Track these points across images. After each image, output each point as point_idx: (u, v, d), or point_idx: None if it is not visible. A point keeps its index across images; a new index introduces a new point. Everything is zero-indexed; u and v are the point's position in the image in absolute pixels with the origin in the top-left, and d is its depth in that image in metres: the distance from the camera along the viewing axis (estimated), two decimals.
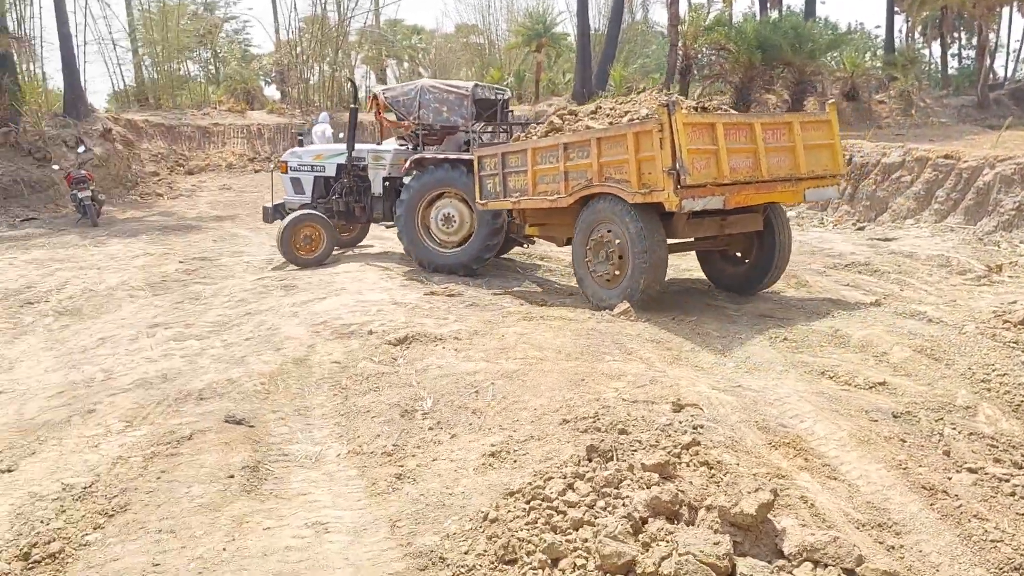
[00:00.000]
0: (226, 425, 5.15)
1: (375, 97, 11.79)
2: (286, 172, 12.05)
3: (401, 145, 11.64)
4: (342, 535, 3.69)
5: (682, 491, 3.41)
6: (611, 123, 8.01)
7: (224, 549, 3.56)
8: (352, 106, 12.24)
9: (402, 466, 4.56)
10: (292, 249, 11.14)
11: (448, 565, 3.30)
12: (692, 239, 8.25)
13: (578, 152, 7.91)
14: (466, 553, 3.36)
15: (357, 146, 11.76)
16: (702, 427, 4.57)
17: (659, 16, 52.43)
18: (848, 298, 8.53)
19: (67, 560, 3.53)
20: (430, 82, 11.64)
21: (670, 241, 7.85)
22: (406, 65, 41.61)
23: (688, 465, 3.99)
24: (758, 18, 27.01)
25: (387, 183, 11.39)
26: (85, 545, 3.65)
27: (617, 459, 3.92)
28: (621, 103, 8.57)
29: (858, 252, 11.62)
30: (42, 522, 3.82)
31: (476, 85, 11.57)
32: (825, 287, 9.25)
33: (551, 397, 5.35)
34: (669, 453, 3.97)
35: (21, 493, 4.17)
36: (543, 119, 9.75)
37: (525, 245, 11.27)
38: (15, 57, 23.31)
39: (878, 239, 13.03)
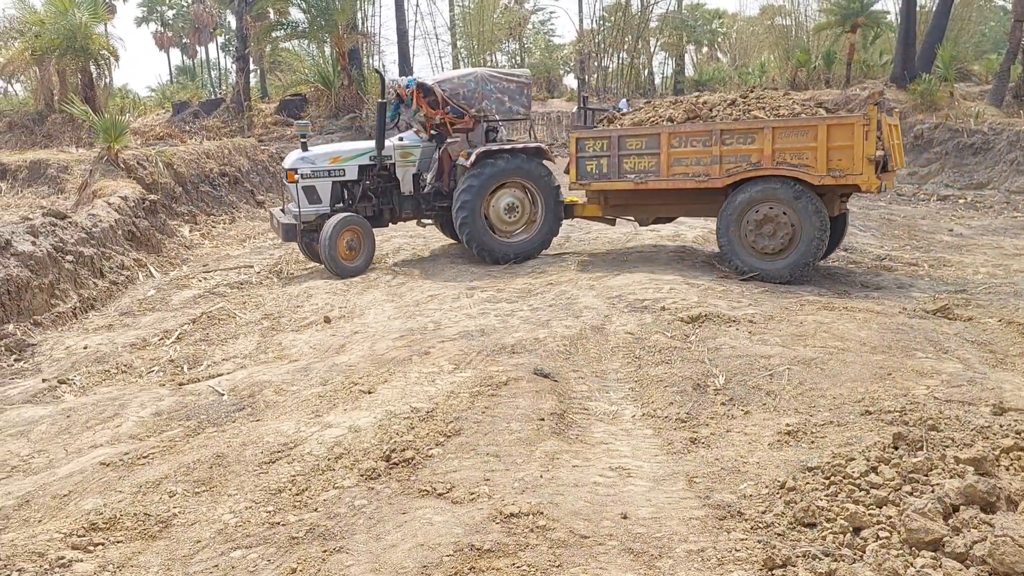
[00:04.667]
0: (535, 377, 5.75)
1: (422, 88, 10.63)
2: (295, 181, 10.32)
3: (427, 140, 10.95)
4: (643, 481, 4.04)
5: (1000, 487, 3.26)
6: (776, 115, 8.95)
7: (541, 476, 4.09)
8: (380, 100, 10.88)
9: (696, 432, 4.80)
10: (338, 258, 9.97)
11: (746, 519, 3.50)
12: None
13: (739, 138, 8.79)
14: (764, 512, 3.53)
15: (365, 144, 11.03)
16: None
17: None
18: None
19: (418, 466, 4.28)
20: (488, 71, 11.17)
21: None
22: (705, 50, 41.01)
23: (1008, 469, 3.76)
24: None
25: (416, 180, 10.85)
26: (430, 456, 4.39)
27: (927, 449, 3.82)
28: (759, 99, 9.54)
29: None
30: (398, 434, 4.65)
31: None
32: None
33: (852, 388, 5.27)
34: (987, 452, 3.77)
35: (380, 411, 5.09)
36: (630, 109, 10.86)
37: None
38: (361, 51, 26.92)
39: None
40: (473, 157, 10.18)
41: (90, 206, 11.73)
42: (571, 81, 41.73)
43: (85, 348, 7.52)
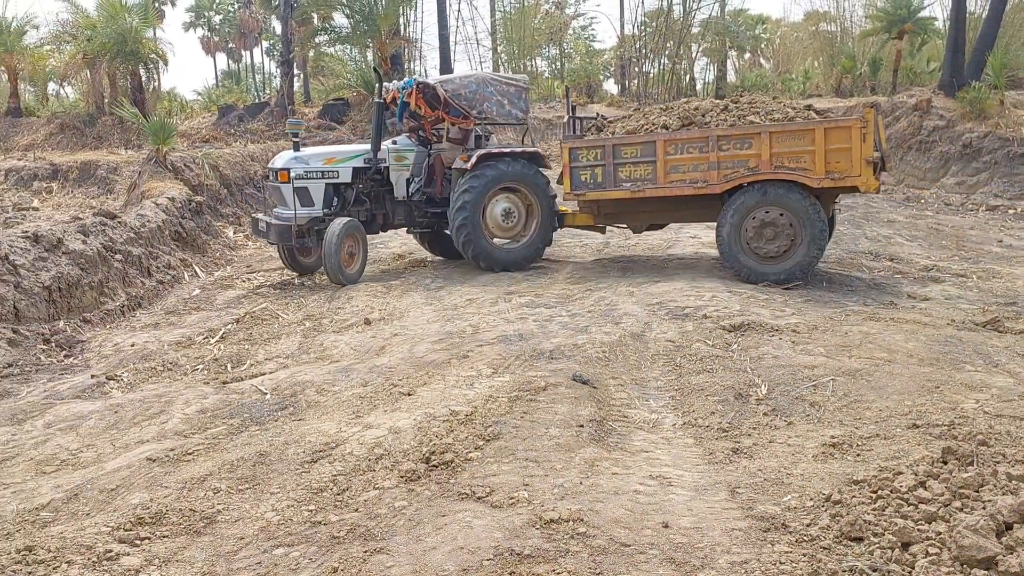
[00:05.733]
0: (573, 383, 5.73)
1: (423, 89, 10.39)
2: (288, 181, 9.87)
3: (421, 144, 10.84)
4: (684, 490, 4.00)
5: None
6: (771, 120, 9.05)
7: (580, 483, 4.07)
8: (377, 100, 10.55)
9: (738, 443, 4.73)
10: (341, 265, 9.55)
11: (791, 532, 3.44)
12: None
13: (736, 144, 8.89)
14: (808, 525, 3.47)
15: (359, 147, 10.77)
16: None
17: None
18: None
19: (457, 469, 4.29)
20: (488, 74, 10.94)
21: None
22: (748, 56, 40.56)
23: None
24: None
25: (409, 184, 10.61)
26: (469, 460, 4.40)
27: (978, 465, 3.72)
28: (751, 103, 9.63)
29: None
30: (437, 436, 4.67)
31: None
32: None
33: (899, 400, 5.17)
34: None
35: (420, 412, 5.11)
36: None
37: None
38: (403, 56, 27.17)
39: None
40: (474, 159, 9.99)
41: (138, 206, 12.01)
42: (611, 86, 41.59)
43: (132, 345, 7.69)
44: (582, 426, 4.91)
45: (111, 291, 9.25)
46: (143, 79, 24.72)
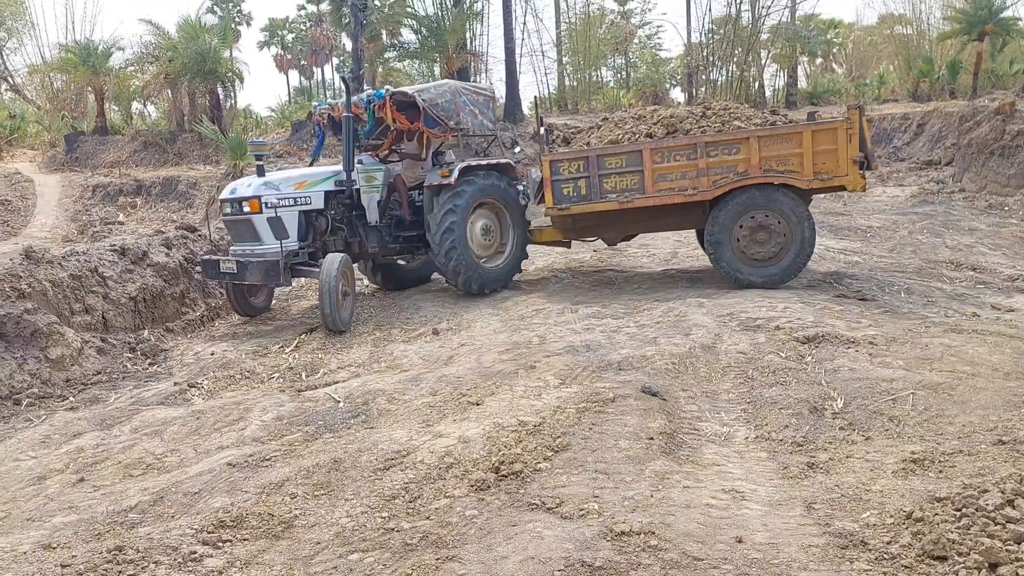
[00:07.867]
0: (642, 395, 5.69)
1: (397, 100, 9.60)
2: (259, 211, 8.70)
3: (390, 161, 10.24)
4: (758, 505, 3.93)
5: None
6: (759, 124, 9.18)
7: (651, 495, 4.04)
8: (346, 114, 9.39)
9: (813, 457, 4.63)
10: (338, 307, 8.35)
11: (870, 549, 3.35)
12: None
13: (724, 149, 8.91)
14: (889, 543, 3.37)
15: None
16: None
17: None
18: None
19: (526, 479, 4.32)
20: (459, 83, 10.37)
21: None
22: (819, 61, 39.65)
23: None
24: None
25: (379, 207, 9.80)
26: (538, 470, 4.42)
27: None
28: (727, 109, 9.67)
29: None
30: (506, 446, 4.71)
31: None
32: None
33: (984, 415, 4.98)
34: None
35: (488, 422, 5.16)
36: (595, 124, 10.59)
37: None
38: (470, 70, 27.50)
39: None
40: (456, 173, 9.38)
41: (217, 220, 12.44)
42: (678, 94, 41.22)
43: (212, 354, 7.98)
44: (652, 438, 4.87)
45: (191, 302, 9.62)
46: (221, 97, 25.69)
